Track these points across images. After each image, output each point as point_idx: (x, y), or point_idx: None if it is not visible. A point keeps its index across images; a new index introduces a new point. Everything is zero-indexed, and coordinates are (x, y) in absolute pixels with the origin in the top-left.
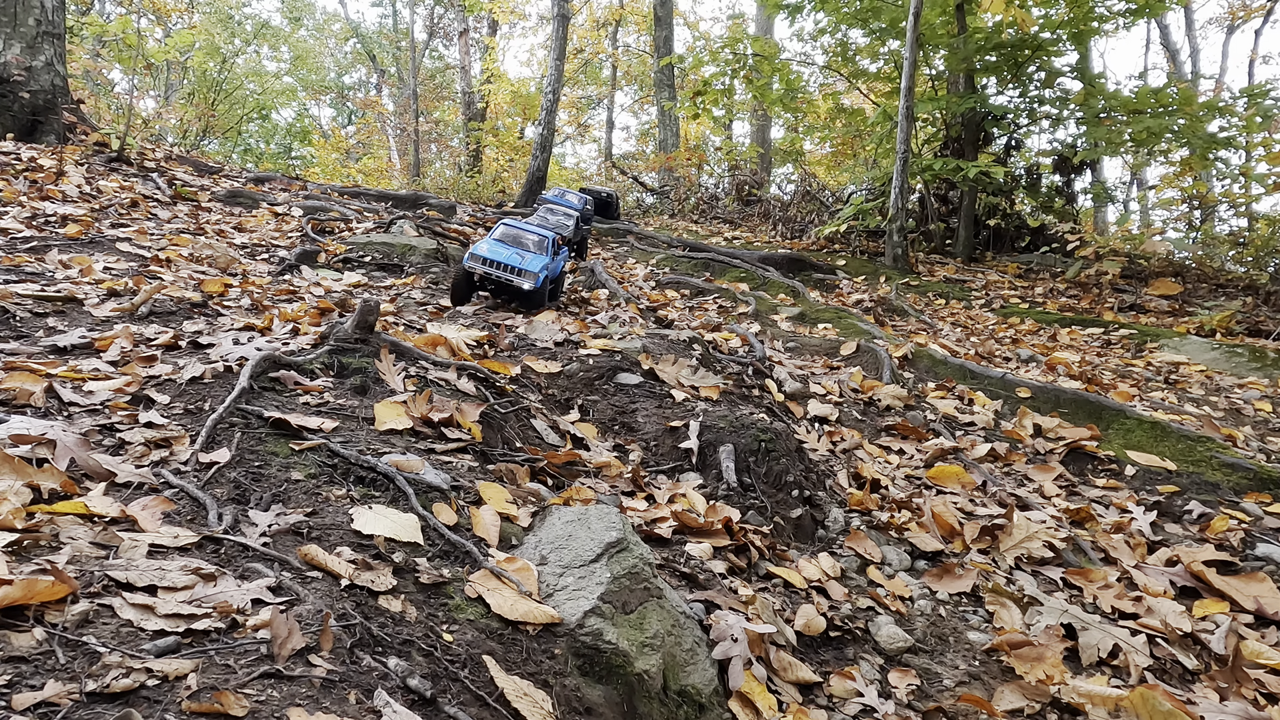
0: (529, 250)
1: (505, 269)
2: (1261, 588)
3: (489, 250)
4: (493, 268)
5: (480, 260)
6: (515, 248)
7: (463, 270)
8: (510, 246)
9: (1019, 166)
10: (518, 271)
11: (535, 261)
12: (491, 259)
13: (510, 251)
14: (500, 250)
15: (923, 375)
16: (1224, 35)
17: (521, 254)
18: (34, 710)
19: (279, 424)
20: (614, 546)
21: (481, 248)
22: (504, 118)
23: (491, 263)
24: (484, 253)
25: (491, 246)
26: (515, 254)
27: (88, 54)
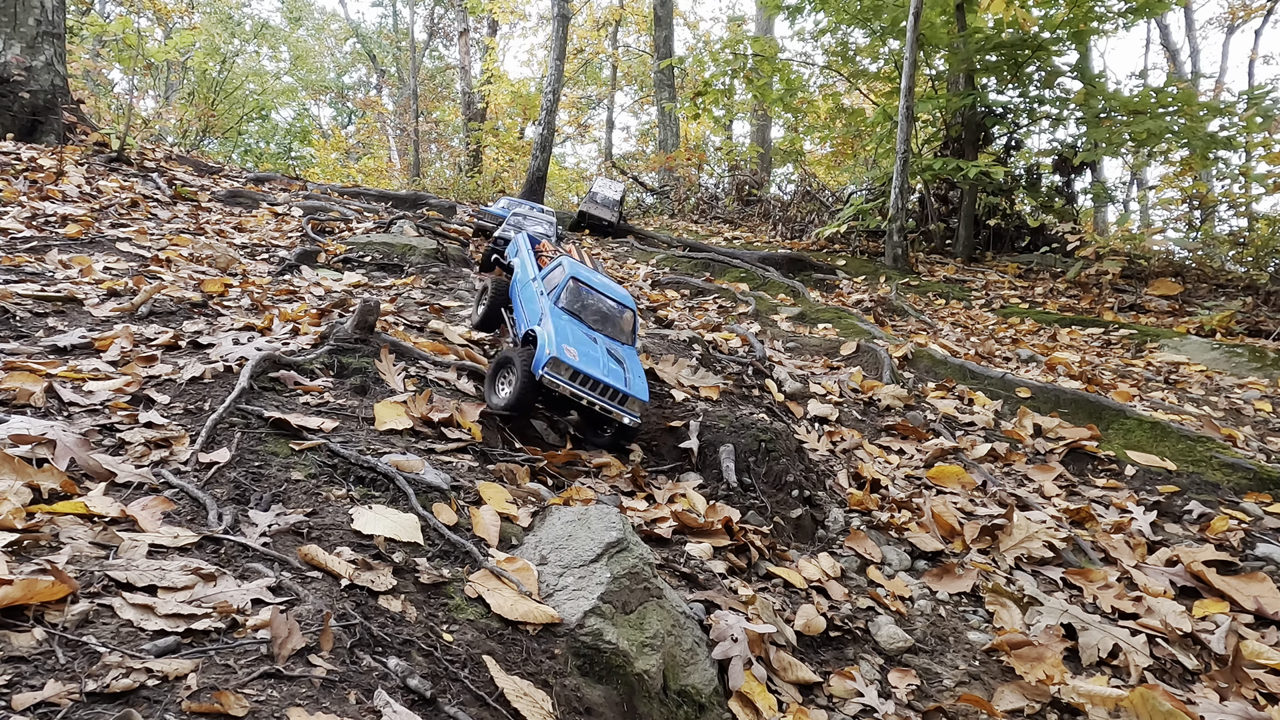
0: (622, 339)
1: (607, 392)
2: (1261, 588)
3: (584, 361)
4: (586, 387)
5: (566, 372)
6: (607, 337)
7: (529, 380)
8: (599, 336)
9: (1019, 166)
10: (622, 398)
11: (636, 367)
12: (586, 373)
13: (606, 358)
14: (594, 354)
15: (923, 375)
16: (1224, 35)
17: (620, 357)
18: (34, 710)
19: (279, 424)
20: (614, 546)
21: (570, 352)
22: (504, 118)
23: (586, 379)
24: (576, 362)
25: (581, 347)
26: (612, 361)
27: (88, 54)
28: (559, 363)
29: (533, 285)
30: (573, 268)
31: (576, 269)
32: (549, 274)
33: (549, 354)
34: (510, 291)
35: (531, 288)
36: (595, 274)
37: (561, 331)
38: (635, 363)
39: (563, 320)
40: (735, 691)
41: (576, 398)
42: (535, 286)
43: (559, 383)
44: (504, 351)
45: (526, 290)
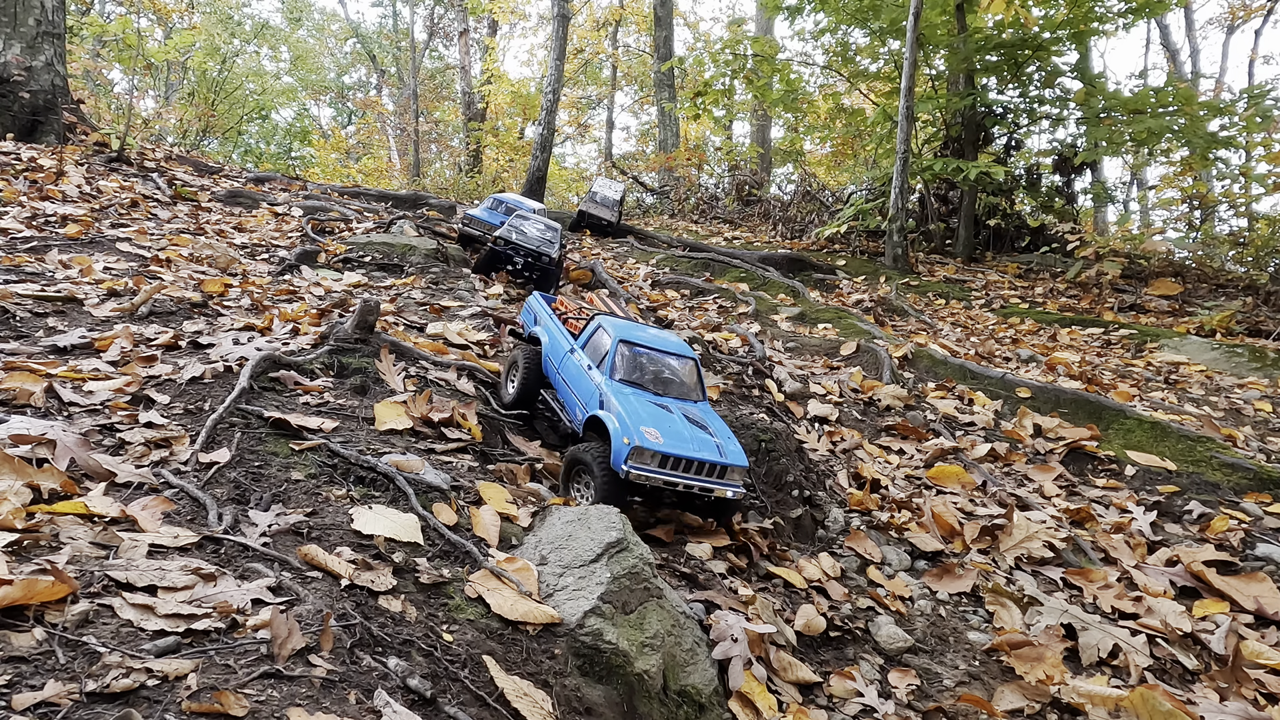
0: (693, 396)
1: (702, 469)
2: (1261, 588)
3: (670, 440)
4: (679, 471)
5: (653, 460)
6: (676, 400)
7: (612, 481)
8: (670, 401)
9: (1019, 166)
10: (720, 470)
11: (720, 426)
12: (676, 454)
13: (688, 427)
14: (675, 427)
15: (923, 375)
16: (1224, 35)
17: (700, 420)
18: (34, 710)
19: (279, 424)
20: (614, 546)
21: (650, 433)
22: (504, 118)
23: (677, 461)
24: (661, 445)
25: (659, 423)
26: (695, 428)
27: (88, 54)
28: (643, 450)
29: (574, 360)
30: (616, 329)
31: (620, 329)
32: (589, 341)
33: (629, 443)
34: (545, 367)
35: (574, 362)
36: (641, 328)
37: (632, 410)
38: (718, 421)
39: (626, 395)
40: (735, 691)
41: (670, 485)
42: (578, 360)
43: (649, 474)
44: (574, 453)
45: (569, 366)
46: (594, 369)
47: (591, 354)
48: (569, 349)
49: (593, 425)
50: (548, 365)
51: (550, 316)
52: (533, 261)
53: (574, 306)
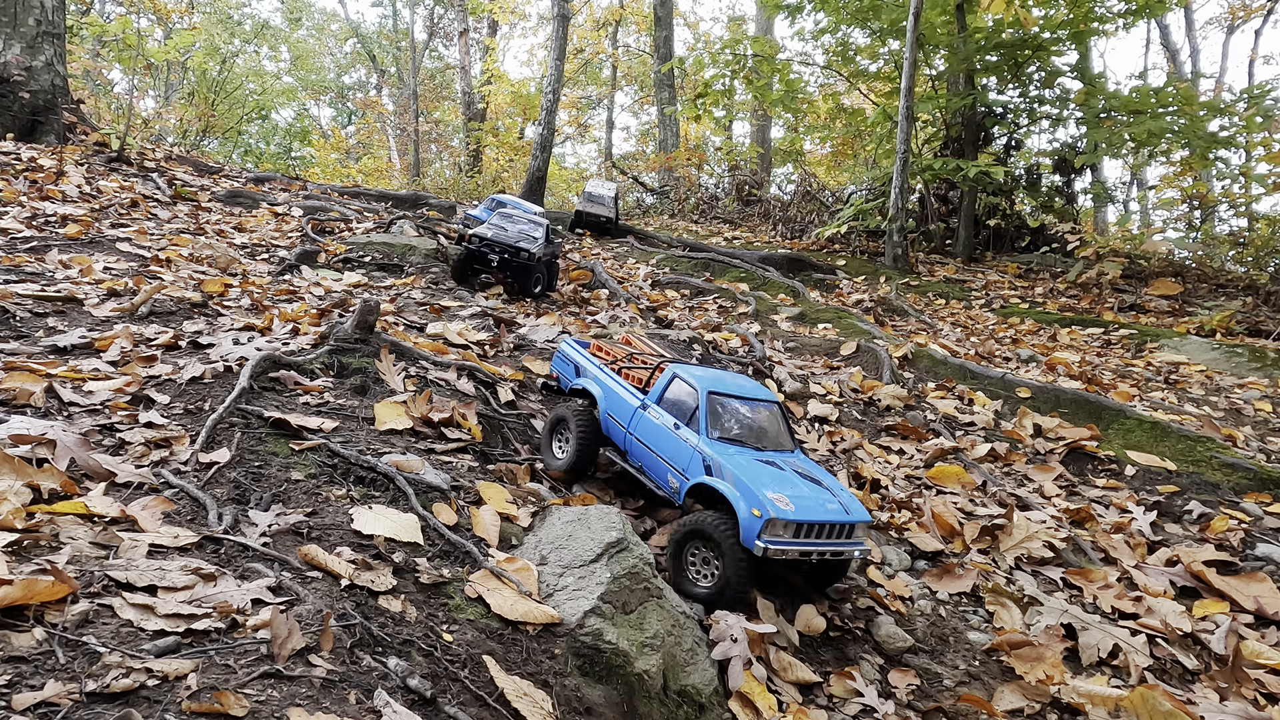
0: (787, 445)
1: (831, 531)
2: (1261, 588)
3: (799, 505)
4: (812, 538)
5: (788, 530)
6: (777, 451)
7: (745, 561)
8: (774, 455)
9: (1019, 166)
10: (849, 530)
11: (829, 477)
12: (811, 522)
13: (805, 485)
14: (798, 489)
15: (923, 375)
16: (1224, 35)
17: (811, 474)
18: (34, 710)
19: (279, 424)
20: (614, 547)
21: (778, 500)
22: (504, 118)
23: (810, 528)
24: (794, 513)
25: (780, 486)
26: (810, 485)
27: (88, 54)
28: (775, 521)
29: (651, 418)
30: (698, 379)
31: (703, 379)
32: (665, 394)
33: (760, 515)
34: (606, 426)
35: (651, 421)
36: (719, 374)
37: (752, 475)
38: (822, 471)
39: (734, 456)
40: (735, 691)
41: (806, 556)
42: (656, 418)
43: (785, 547)
44: (688, 527)
45: (645, 426)
46: (683, 427)
47: (673, 410)
48: (639, 405)
49: (695, 491)
50: (608, 424)
51: (600, 367)
52: (508, 259)
53: (619, 351)
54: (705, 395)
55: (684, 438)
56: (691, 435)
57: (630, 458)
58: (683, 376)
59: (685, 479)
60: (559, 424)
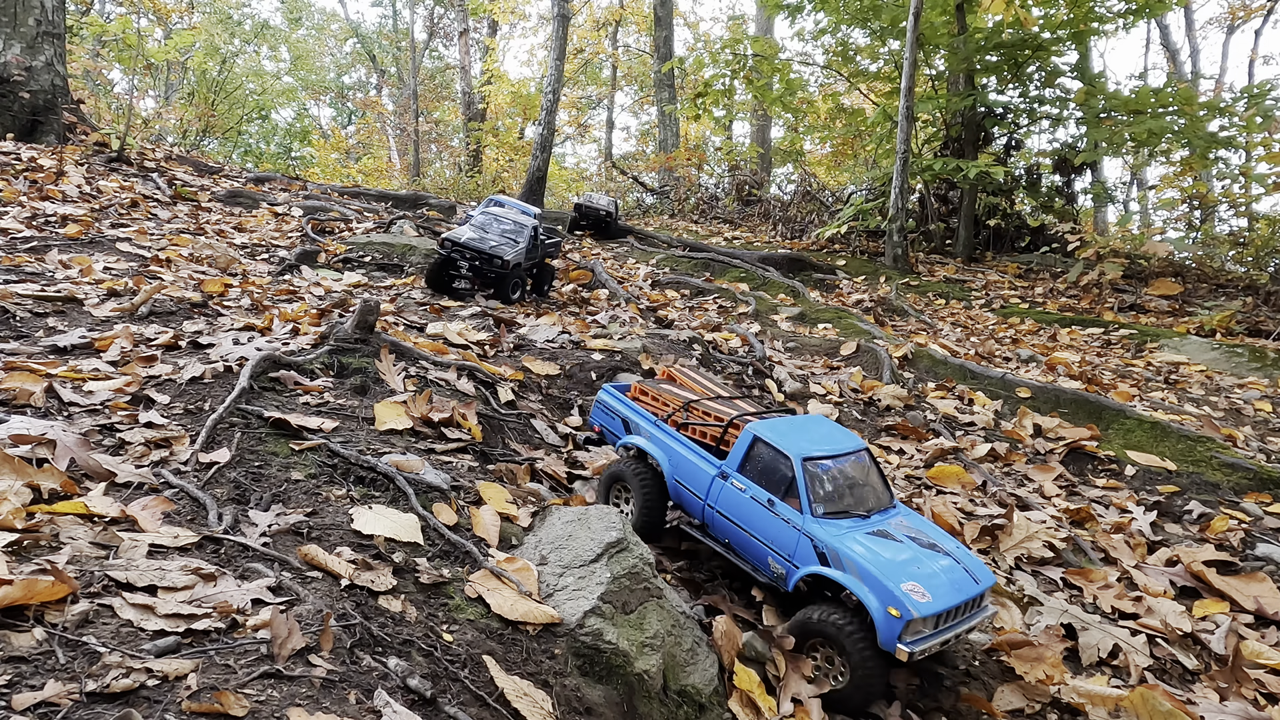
0: (886, 502)
1: (963, 609)
2: (1261, 588)
3: (933, 590)
4: (948, 622)
5: (928, 624)
6: (883, 514)
7: (878, 664)
8: (881, 523)
9: (1019, 166)
10: (979, 600)
11: (944, 537)
12: (949, 606)
13: (927, 556)
14: (927, 566)
15: (923, 375)
16: (1224, 35)
17: (926, 539)
18: (34, 710)
19: (279, 424)
20: (614, 546)
21: (914, 592)
22: (504, 118)
23: (948, 614)
24: (933, 603)
25: (907, 566)
26: (931, 554)
27: (88, 54)
28: (916, 620)
29: (736, 490)
30: (786, 442)
31: (790, 441)
32: (748, 461)
33: (900, 616)
34: (674, 492)
35: (736, 494)
36: (801, 427)
37: (878, 562)
38: (931, 526)
39: (848, 537)
40: (736, 689)
41: (946, 645)
42: (742, 490)
43: (930, 643)
44: (809, 626)
45: (730, 499)
46: (778, 503)
47: (761, 479)
48: (717, 473)
49: (820, 587)
50: (677, 490)
51: (655, 424)
52: (481, 265)
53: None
54: (801, 465)
55: (783, 516)
56: (792, 514)
57: (712, 530)
58: (768, 441)
59: (793, 566)
60: (616, 483)
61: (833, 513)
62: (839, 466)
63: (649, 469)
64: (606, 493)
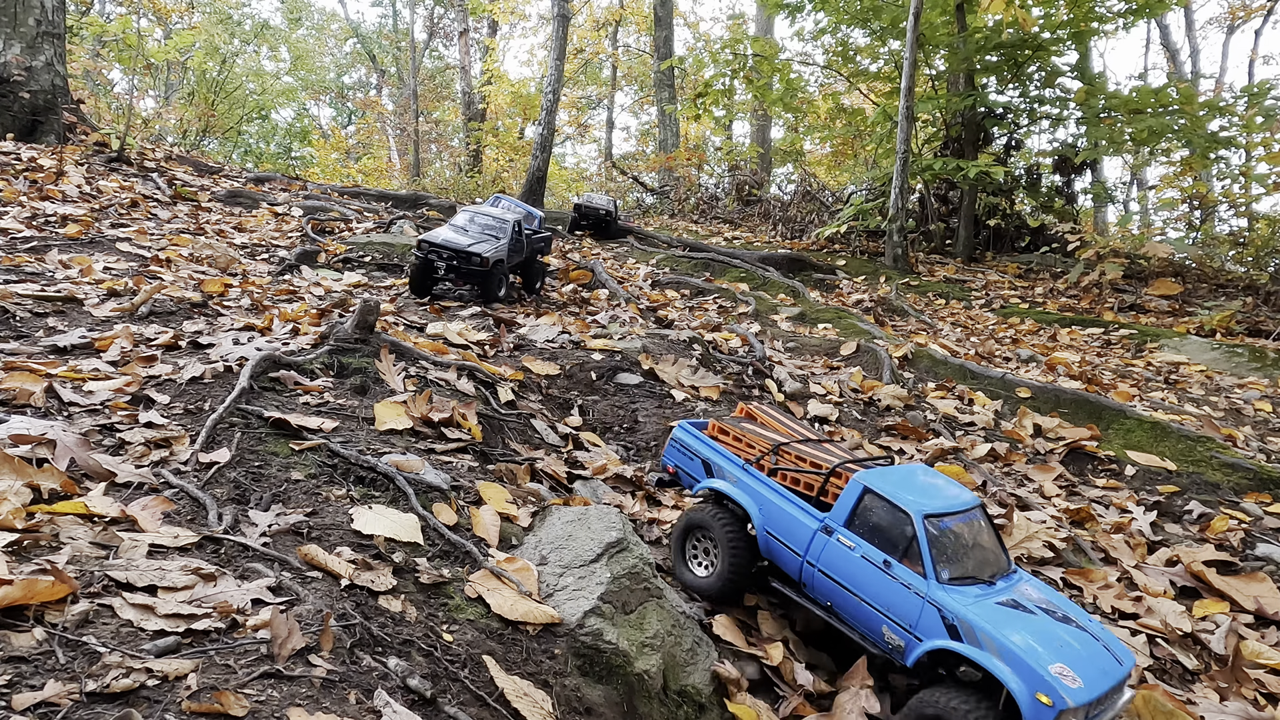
0: (1006, 565)
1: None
2: (1261, 588)
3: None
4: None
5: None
6: (1008, 579)
7: None
8: (1010, 591)
9: (1019, 166)
10: (1124, 679)
11: (1083, 612)
12: (1100, 693)
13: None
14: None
15: (923, 375)
16: (1224, 35)
17: (1060, 610)
18: (34, 710)
19: (279, 424)
20: (614, 546)
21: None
22: (504, 118)
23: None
24: (1083, 690)
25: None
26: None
27: (88, 54)
28: (1068, 711)
29: (844, 548)
30: (902, 497)
31: (911, 496)
32: (857, 515)
33: (1053, 705)
34: (765, 544)
35: (845, 552)
36: (917, 477)
37: (1020, 639)
38: (1054, 592)
39: (981, 607)
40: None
41: None
42: (851, 549)
43: None
44: (939, 710)
45: (836, 557)
46: (895, 565)
47: (873, 537)
48: (819, 527)
49: (942, 664)
50: (768, 542)
51: (744, 468)
52: (459, 265)
53: (756, 439)
54: (922, 523)
55: (902, 581)
56: (914, 578)
57: (811, 590)
58: (882, 494)
59: (915, 638)
60: (694, 531)
61: (958, 578)
62: (959, 525)
63: (735, 518)
64: (682, 542)
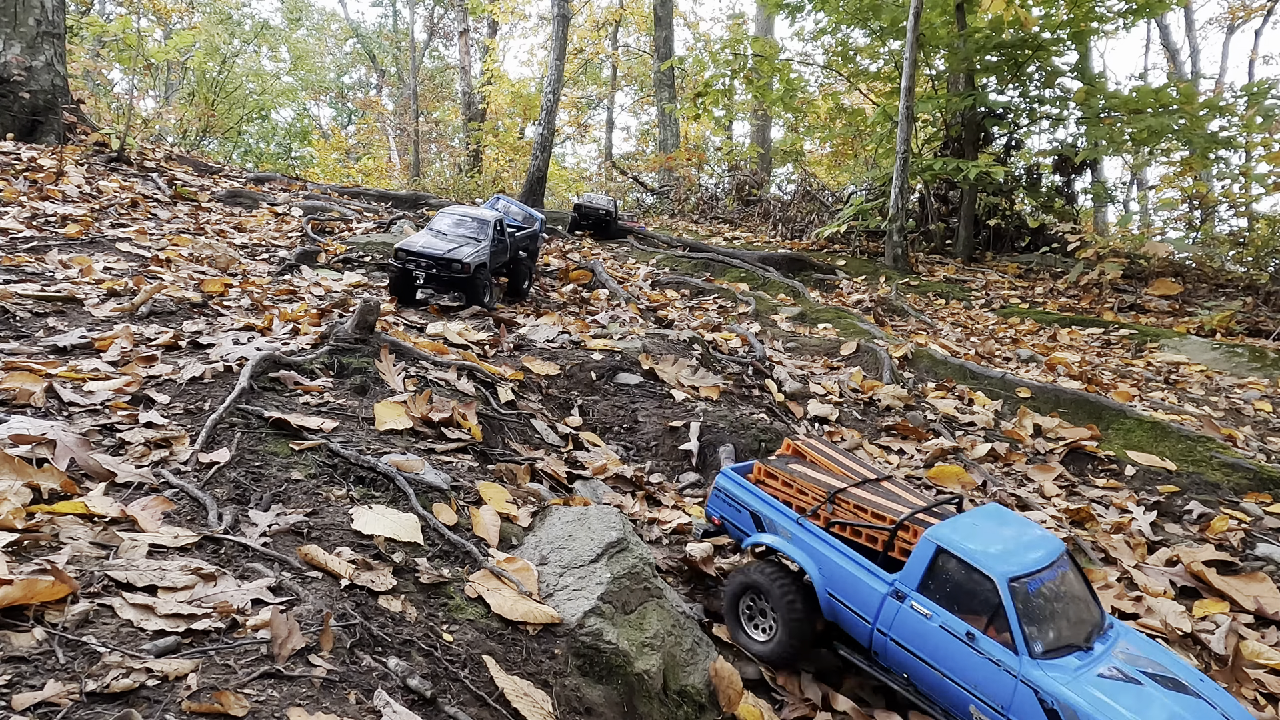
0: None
1: None
2: (1261, 588)
3: None
4: None
5: None
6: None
7: None
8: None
9: (1019, 166)
10: None
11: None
12: None
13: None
14: None
15: (923, 375)
16: (1224, 35)
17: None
18: (34, 710)
19: (279, 424)
20: (614, 546)
21: None
22: (504, 118)
23: None
24: None
25: None
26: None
27: (88, 54)
28: None
29: (919, 614)
30: (986, 558)
31: (991, 556)
32: (931, 578)
33: None
34: (829, 607)
35: (922, 621)
36: (992, 526)
37: None
38: (1164, 653)
39: (1077, 678)
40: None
41: None
42: (929, 617)
43: None
44: None
45: (911, 626)
46: (980, 637)
47: (951, 603)
48: (889, 591)
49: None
50: (832, 605)
51: (797, 522)
52: (438, 273)
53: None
54: (1008, 589)
55: (990, 656)
56: (1003, 653)
57: (884, 660)
58: (957, 555)
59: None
60: (749, 592)
61: (1053, 649)
62: (1048, 581)
63: (793, 578)
64: (735, 604)
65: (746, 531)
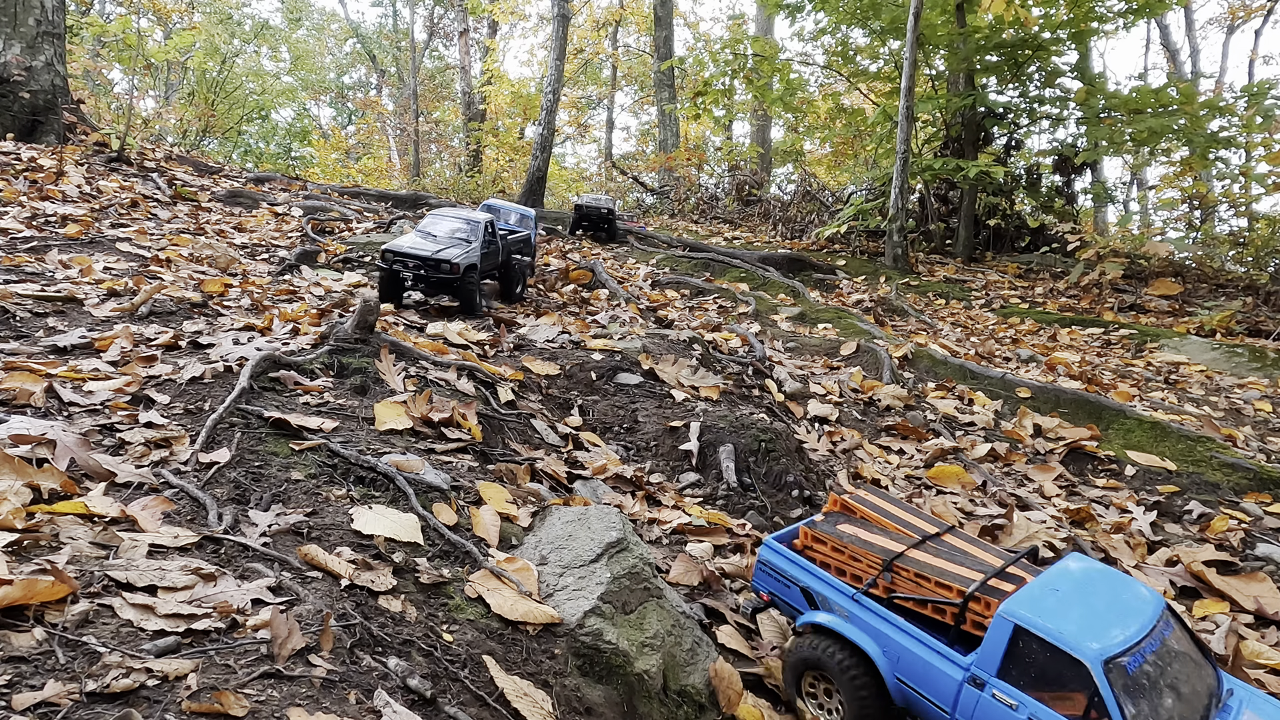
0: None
1: None
2: (1261, 588)
3: None
4: None
5: None
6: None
7: None
8: None
9: (1019, 166)
10: None
11: None
12: None
13: None
14: None
15: (923, 375)
16: (1224, 35)
17: None
18: (34, 710)
19: (279, 424)
20: (614, 546)
21: None
22: (504, 118)
23: None
24: None
25: None
26: None
27: (88, 54)
28: None
29: (1003, 705)
30: (1072, 640)
31: (1078, 634)
32: (1012, 662)
33: None
34: (898, 693)
35: (1004, 714)
36: (1078, 589)
37: None
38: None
39: None
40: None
41: None
42: (1012, 708)
43: None
44: None
45: (991, 715)
46: None
47: (1038, 689)
48: (965, 676)
49: None
50: (900, 690)
51: (854, 598)
52: (427, 275)
53: (859, 550)
54: (1104, 673)
55: None
56: None
57: None
58: (1043, 637)
59: None
60: (808, 670)
61: None
62: (1151, 654)
63: (858, 658)
64: (797, 681)
65: (799, 609)
